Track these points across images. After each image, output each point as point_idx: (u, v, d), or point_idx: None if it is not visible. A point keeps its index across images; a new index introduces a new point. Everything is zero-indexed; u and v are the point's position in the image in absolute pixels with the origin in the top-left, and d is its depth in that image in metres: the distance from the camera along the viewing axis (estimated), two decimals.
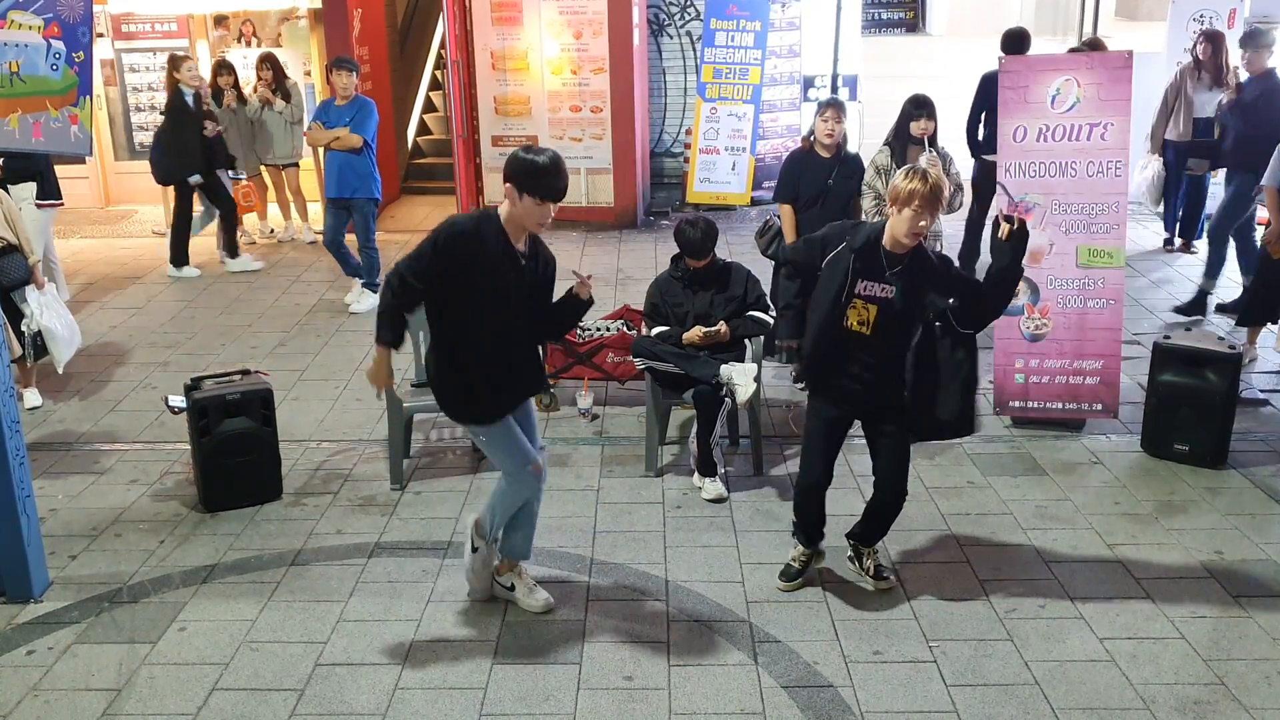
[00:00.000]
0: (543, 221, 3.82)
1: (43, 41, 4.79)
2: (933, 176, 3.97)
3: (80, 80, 5.00)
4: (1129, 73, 5.60)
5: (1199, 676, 3.84)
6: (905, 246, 4.02)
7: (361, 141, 7.67)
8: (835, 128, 6.11)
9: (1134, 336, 6.87)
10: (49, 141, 4.81)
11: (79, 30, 4.92)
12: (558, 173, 3.77)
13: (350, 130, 7.65)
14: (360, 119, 7.70)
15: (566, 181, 3.82)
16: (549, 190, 3.75)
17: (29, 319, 6.14)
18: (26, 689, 3.85)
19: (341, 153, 7.69)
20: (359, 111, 7.73)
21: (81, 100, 5.02)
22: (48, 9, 5.03)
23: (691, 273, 5.38)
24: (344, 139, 7.65)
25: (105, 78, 11.24)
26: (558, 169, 3.76)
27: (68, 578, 4.57)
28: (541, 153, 3.78)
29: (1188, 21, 9.68)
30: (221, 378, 5.27)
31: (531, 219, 3.80)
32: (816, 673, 3.89)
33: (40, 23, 4.76)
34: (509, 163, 3.81)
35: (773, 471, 5.44)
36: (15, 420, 4.29)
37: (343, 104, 7.76)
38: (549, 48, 10.21)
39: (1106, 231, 5.65)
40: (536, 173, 3.73)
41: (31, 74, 4.75)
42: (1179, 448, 5.42)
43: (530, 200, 3.74)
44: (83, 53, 4.93)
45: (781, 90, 10.66)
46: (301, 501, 5.22)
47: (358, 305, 8.03)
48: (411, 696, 3.79)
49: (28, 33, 4.68)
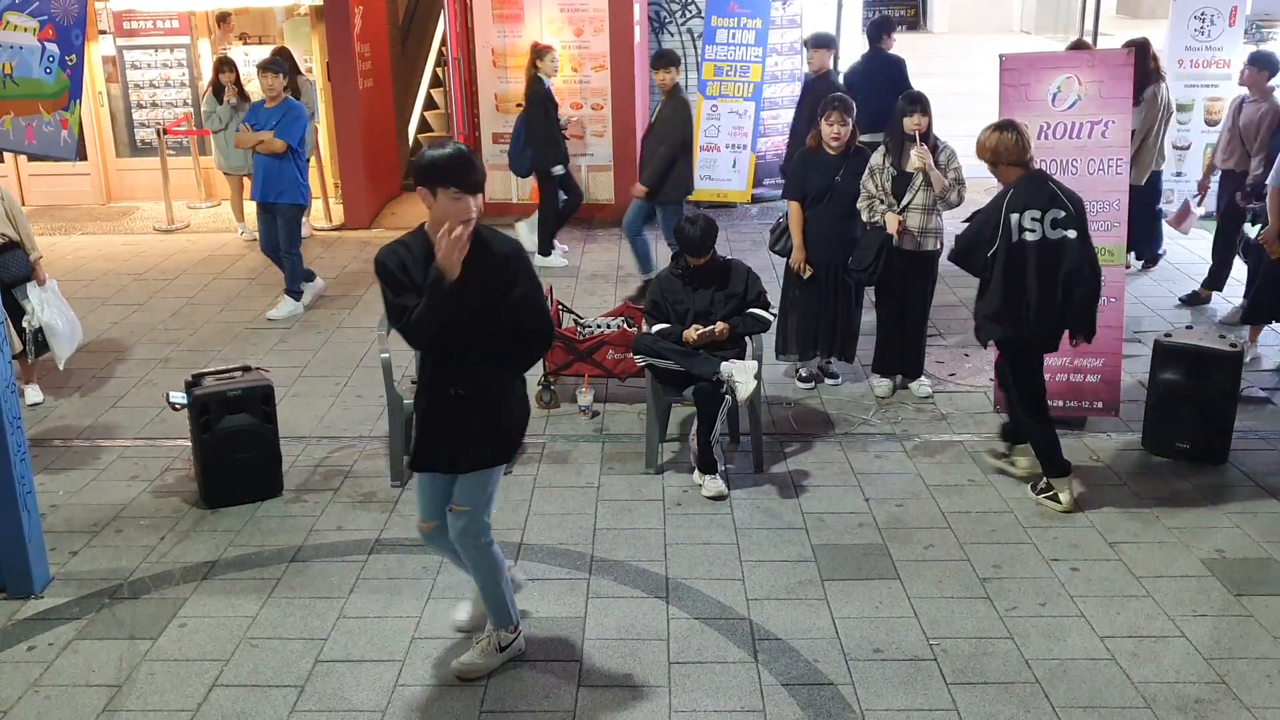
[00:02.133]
0: (467, 217, 3.44)
1: (37, 44, 4.69)
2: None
3: (72, 83, 4.90)
4: (1130, 70, 5.59)
5: (1200, 675, 3.84)
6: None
7: (284, 146, 7.48)
8: (841, 130, 6.07)
9: (1135, 334, 6.87)
10: (40, 145, 4.71)
11: (73, 33, 4.83)
12: (465, 162, 3.46)
13: (275, 134, 7.48)
14: (285, 123, 7.52)
15: (478, 171, 3.49)
16: (459, 180, 3.42)
17: (30, 315, 6.14)
18: (27, 685, 3.85)
19: (267, 156, 7.52)
20: (284, 116, 7.55)
21: (73, 104, 4.92)
22: (43, 11, 4.91)
23: (692, 270, 5.38)
24: (268, 143, 7.48)
25: (107, 74, 11.25)
26: (463, 158, 3.48)
27: (69, 573, 4.57)
28: (444, 145, 3.53)
29: (1189, 19, 9.67)
30: (222, 374, 5.27)
31: (453, 216, 3.43)
32: (817, 670, 3.89)
33: (36, 25, 4.66)
34: (414, 166, 3.55)
35: (773, 469, 5.44)
36: (16, 416, 4.29)
37: (271, 106, 7.61)
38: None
39: (1107, 229, 5.64)
40: (440, 166, 3.45)
41: (25, 76, 4.65)
42: (1180, 446, 5.42)
43: (445, 197, 3.44)
44: (75, 56, 4.84)
45: (782, 87, 10.65)
46: (302, 498, 5.22)
47: (276, 312, 7.77)
48: (411, 693, 3.79)
49: (22, 34, 4.59)
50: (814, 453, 5.63)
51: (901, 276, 6.07)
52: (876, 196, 5.98)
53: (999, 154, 4.85)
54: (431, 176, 3.45)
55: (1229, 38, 9.64)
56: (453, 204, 3.43)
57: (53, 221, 10.66)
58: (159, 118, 11.14)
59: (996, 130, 4.89)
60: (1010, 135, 4.83)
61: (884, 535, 4.80)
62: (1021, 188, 4.81)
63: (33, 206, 10.99)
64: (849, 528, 4.87)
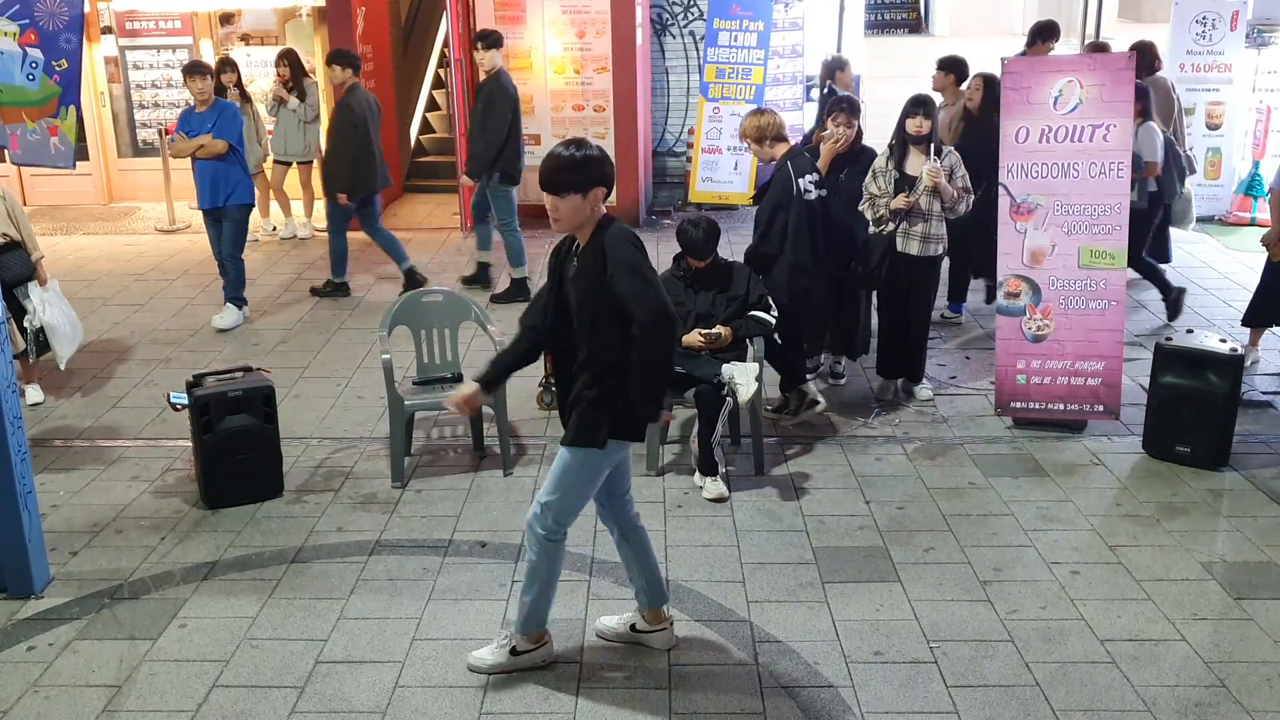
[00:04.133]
0: (549, 213, 3.60)
1: (18, 50, 4.48)
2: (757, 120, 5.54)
3: (63, 90, 4.67)
4: (1131, 74, 5.60)
5: (1200, 679, 3.84)
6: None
7: (227, 146, 7.35)
8: (845, 132, 6.11)
9: (1135, 338, 6.87)
10: (27, 155, 4.47)
11: (62, 37, 4.61)
12: (545, 160, 3.59)
13: (214, 136, 7.33)
14: (222, 124, 7.38)
15: (549, 168, 3.54)
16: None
17: (32, 315, 6.14)
18: (27, 685, 3.85)
19: (210, 161, 7.35)
20: (220, 116, 7.41)
21: (63, 110, 4.69)
22: (24, 15, 4.59)
23: (694, 272, 5.38)
24: (209, 146, 7.31)
25: (109, 75, 11.26)
26: (546, 158, 3.58)
27: (69, 574, 4.57)
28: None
29: (1190, 23, 9.68)
30: (223, 374, 5.28)
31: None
32: (817, 673, 3.89)
33: (16, 29, 4.43)
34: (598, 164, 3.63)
35: (774, 471, 5.44)
36: (17, 416, 4.29)
37: (203, 110, 7.43)
38: (552, 46, 10.21)
39: (1108, 233, 5.65)
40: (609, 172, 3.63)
41: (7, 83, 4.45)
42: (1180, 449, 5.42)
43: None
44: (66, 60, 4.62)
45: (784, 90, 10.65)
46: (303, 499, 5.22)
47: (221, 321, 7.60)
48: (411, 695, 3.78)
49: (2, 39, 4.40)
50: (815, 455, 5.63)
51: (905, 281, 6.07)
52: (880, 197, 5.98)
53: (766, 131, 5.70)
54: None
55: (1230, 41, 9.65)
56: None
57: (54, 221, 10.67)
58: (161, 118, 11.14)
59: (759, 114, 5.77)
60: (771, 116, 5.77)
61: (885, 538, 4.80)
62: (793, 157, 5.73)
63: (34, 206, 10.99)
64: (849, 530, 4.87)
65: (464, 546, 4.77)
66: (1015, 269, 5.80)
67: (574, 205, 3.54)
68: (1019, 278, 5.80)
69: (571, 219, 3.58)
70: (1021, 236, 5.76)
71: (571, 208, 3.54)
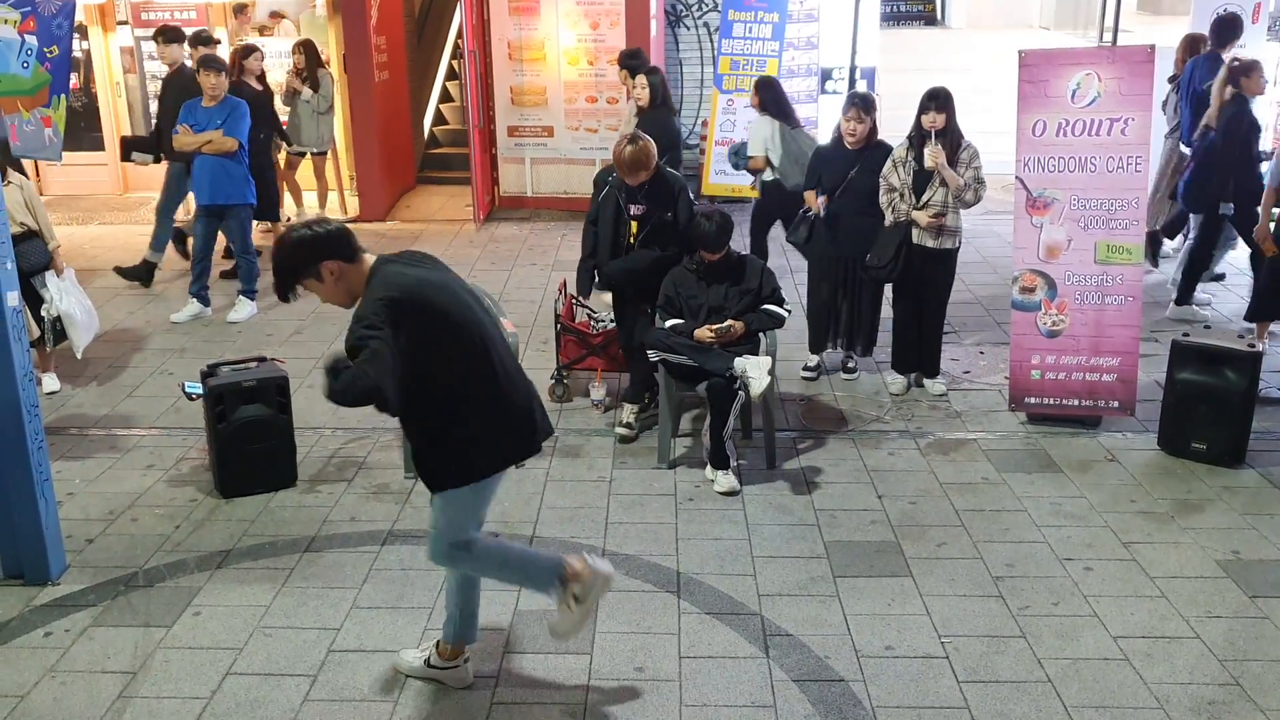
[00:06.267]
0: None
1: (17, 38, 4.34)
2: (629, 149, 5.34)
3: (54, 77, 4.50)
4: (1150, 67, 5.55)
5: (1214, 676, 3.82)
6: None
7: (237, 144, 7.28)
8: (857, 127, 6.09)
9: (1151, 334, 6.83)
10: (24, 145, 4.31)
11: (54, 22, 4.44)
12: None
13: (224, 133, 7.26)
14: (233, 121, 7.30)
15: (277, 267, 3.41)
16: None
17: (48, 304, 6.17)
18: (44, 670, 3.88)
19: (214, 157, 7.28)
20: (231, 113, 7.32)
21: (54, 100, 4.53)
22: (27, 1, 4.43)
23: (707, 266, 5.37)
24: (217, 142, 7.24)
25: (125, 65, 11.29)
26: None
27: (84, 561, 4.60)
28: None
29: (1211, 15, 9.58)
30: (238, 364, 5.30)
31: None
32: (828, 667, 3.88)
33: (17, 16, 4.29)
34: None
35: (786, 465, 5.44)
36: (34, 404, 4.32)
37: (211, 105, 7.33)
38: (566, 38, 10.20)
39: (1125, 228, 5.61)
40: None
41: (4, 72, 4.32)
42: (1196, 446, 5.39)
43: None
44: (56, 47, 4.44)
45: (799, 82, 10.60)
46: (316, 488, 5.24)
47: (236, 315, 7.57)
48: (424, 685, 3.80)
49: (3, 27, 4.28)
50: (827, 449, 5.62)
51: (919, 274, 6.06)
52: (899, 190, 5.97)
53: (644, 163, 5.44)
54: None
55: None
56: None
57: (70, 211, 10.72)
58: None
59: (634, 141, 5.44)
60: (645, 143, 5.44)
61: (897, 533, 4.79)
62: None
63: (50, 196, 11.05)
64: (861, 525, 4.87)
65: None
66: (1030, 264, 5.77)
67: (321, 290, 3.41)
68: (1034, 272, 5.77)
69: (334, 297, 3.44)
70: (1037, 231, 5.73)
71: (323, 292, 3.42)
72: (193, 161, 7.46)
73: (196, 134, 7.33)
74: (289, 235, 3.41)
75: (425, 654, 3.84)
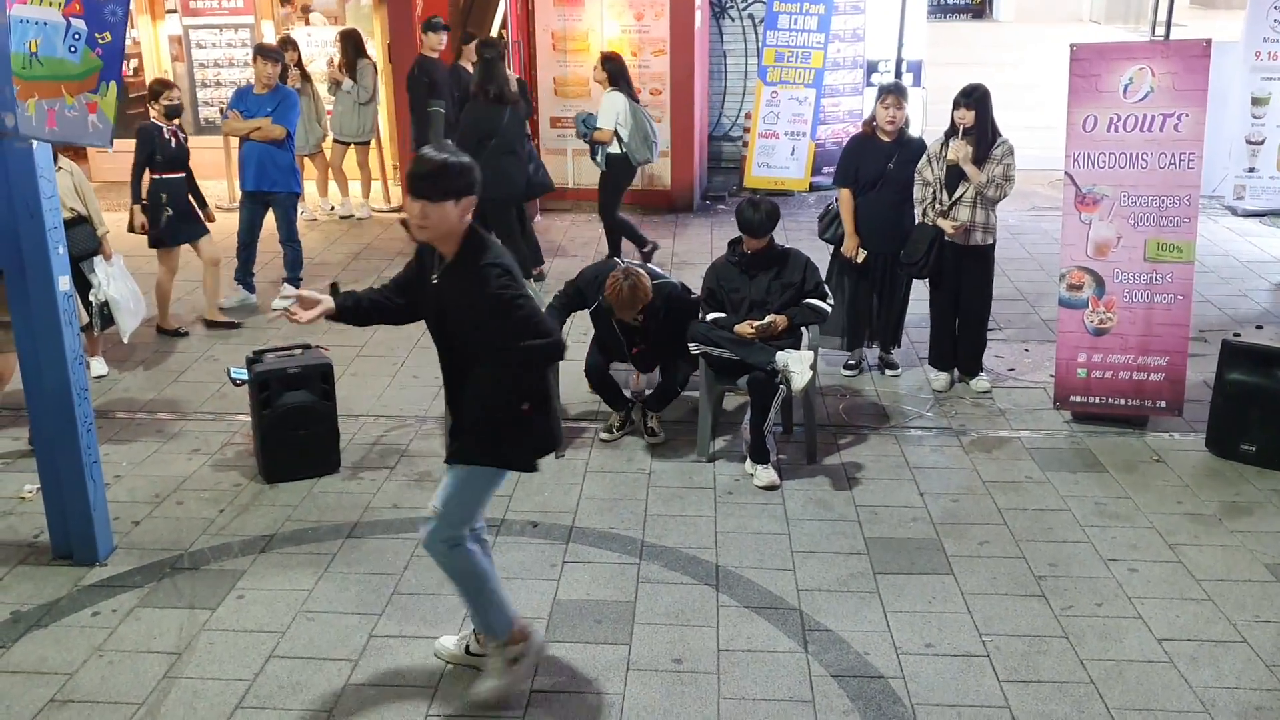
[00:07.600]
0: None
1: (62, 20, 4.27)
2: (626, 288, 5.21)
3: (105, 64, 4.44)
4: (1206, 62, 5.44)
5: (1261, 682, 3.76)
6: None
7: (284, 132, 7.35)
8: (896, 114, 6.05)
9: (1201, 333, 6.71)
10: (64, 131, 4.20)
11: (107, 9, 4.35)
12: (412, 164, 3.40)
13: (272, 121, 7.34)
14: (283, 109, 7.39)
15: (416, 172, 3.34)
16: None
17: (96, 289, 6.27)
18: (91, 649, 3.95)
19: (261, 144, 7.36)
20: (281, 102, 7.41)
21: (103, 86, 4.45)
22: None
23: (749, 257, 5.34)
24: (265, 130, 7.32)
25: (173, 54, 11.45)
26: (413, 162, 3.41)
27: (131, 543, 4.67)
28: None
29: (1268, 10, 9.39)
30: (283, 351, 5.35)
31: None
32: (867, 663, 3.86)
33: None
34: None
35: (826, 461, 5.41)
36: (84, 387, 4.39)
37: (263, 93, 7.44)
38: (609, 29, 10.19)
39: (1177, 225, 5.51)
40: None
41: (49, 55, 4.17)
42: (1245, 448, 5.29)
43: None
44: (109, 34, 4.39)
45: (844, 75, 10.54)
46: (359, 475, 5.29)
47: (281, 301, 7.67)
48: (462, 671, 3.82)
49: (47, 9, 4.21)
50: (868, 446, 5.59)
51: (954, 270, 6.01)
52: (932, 185, 5.93)
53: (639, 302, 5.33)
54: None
55: None
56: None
57: (119, 198, 10.85)
58: (222, 97, 11.30)
59: (633, 290, 5.27)
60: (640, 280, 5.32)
61: (938, 530, 4.75)
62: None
63: (99, 183, 11.21)
64: (902, 522, 4.83)
65: (515, 526, 4.80)
66: (1079, 260, 5.69)
67: (440, 217, 3.32)
68: (1082, 270, 5.69)
69: (439, 228, 3.36)
70: (1086, 227, 5.64)
71: (440, 220, 3.33)
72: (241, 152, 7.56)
73: (245, 120, 7.44)
74: (465, 160, 3.36)
75: (465, 640, 3.87)
